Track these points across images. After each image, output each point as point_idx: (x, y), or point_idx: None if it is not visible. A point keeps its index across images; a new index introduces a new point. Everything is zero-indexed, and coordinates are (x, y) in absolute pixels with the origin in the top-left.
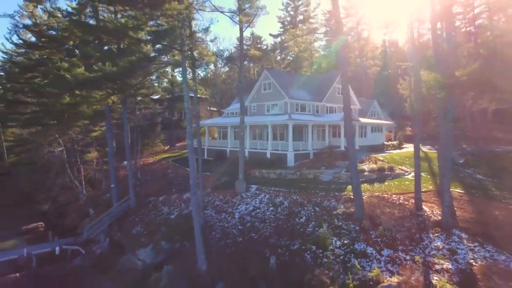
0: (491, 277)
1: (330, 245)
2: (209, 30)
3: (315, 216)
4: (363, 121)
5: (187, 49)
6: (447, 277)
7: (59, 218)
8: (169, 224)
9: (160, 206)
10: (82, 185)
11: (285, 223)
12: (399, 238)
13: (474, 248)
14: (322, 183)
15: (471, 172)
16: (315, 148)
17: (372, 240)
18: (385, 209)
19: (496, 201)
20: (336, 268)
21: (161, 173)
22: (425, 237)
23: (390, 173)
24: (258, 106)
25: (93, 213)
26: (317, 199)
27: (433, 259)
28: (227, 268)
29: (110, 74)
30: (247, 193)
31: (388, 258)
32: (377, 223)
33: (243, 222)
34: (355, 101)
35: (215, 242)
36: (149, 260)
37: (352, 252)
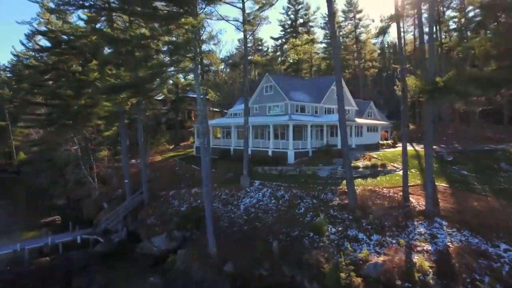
0: (464, 255)
1: (326, 232)
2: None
3: (313, 207)
4: (359, 121)
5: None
6: (426, 256)
7: (74, 212)
8: (180, 215)
9: (170, 199)
10: (95, 181)
11: (286, 213)
12: (387, 225)
13: (452, 233)
14: (320, 179)
15: (457, 169)
16: (313, 146)
17: (363, 227)
18: (376, 200)
19: (476, 193)
20: (331, 250)
21: (169, 170)
22: (410, 224)
23: (382, 169)
24: (260, 107)
25: (107, 206)
26: (315, 192)
27: (415, 242)
28: (234, 250)
29: (134, 81)
30: (251, 187)
31: (377, 242)
32: (368, 213)
33: (248, 213)
34: (352, 102)
35: (223, 230)
36: (164, 247)
37: (345, 237)
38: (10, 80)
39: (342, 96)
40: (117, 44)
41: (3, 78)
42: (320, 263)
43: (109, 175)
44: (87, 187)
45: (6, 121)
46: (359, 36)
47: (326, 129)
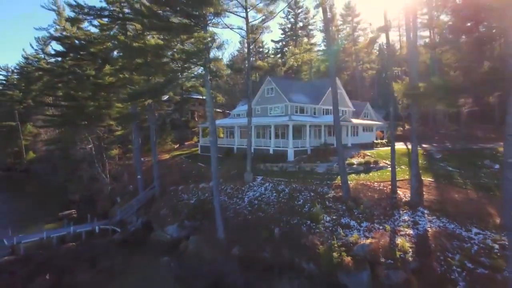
0: (440, 238)
1: (321, 220)
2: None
3: (310, 199)
4: (355, 122)
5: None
6: (407, 239)
7: (89, 206)
8: (190, 207)
9: (180, 193)
10: (107, 178)
11: (286, 205)
12: (376, 214)
13: (432, 220)
14: (317, 174)
15: (444, 165)
16: (312, 145)
17: (355, 215)
18: (367, 193)
19: (458, 187)
20: (325, 235)
21: (177, 168)
22: (396, 213)
23: (374, 166)
24: (262, 108)
25: (120, 201)
26: (313, 186)
27: (399, 227)
28: (240, 237)
29: (152, 87)
30: (254, 182)
31: (366, 228)
32: (360, 203)
33: (252, 205)
34: (349, 103)
35: (230, 220)
36: (176, 235)
37: (338, 225)
38: (19, 82)
39: (337, 103)
40: (132, 52)
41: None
42: (315, 246)
43: (120, 172)
44: (100, 183)
45: (16, 121)
46: (357, 38)
47: (324, 129)
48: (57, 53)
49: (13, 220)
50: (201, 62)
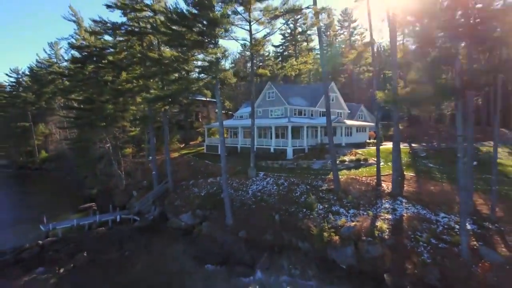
0: (412, 221)
1: (315, 208)
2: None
3: (306, 191)
4: (348, 123)
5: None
6: (386, 222)
7: (106, 199)
8: (200, 199)
9: (191, 187)
10: (122, 174)
11: (285, 196)
12: (362, 203)
13: (408, 207)
14: (313, 170)
15: (426, 162)
16: (309, 144)
17: (344, 204)
18: (355, 186)
19: (435, 180)
20: (318, 220)
21: (186, 165)
22: (379, 202)
23: (364, 163)
24: (264, 111)
25: (136, 194)
26: (309, 180)
27: (380, 213)
28: (246, 222)
29: (170, 94)
30: (256, 177)
31: (353, 214)
32: (348, 194)
33: (255, 196)
34: (344, 106)
35: (236, 209)
36: (189, 222)
37: (329, 212)
38: (32, 84)
39: (329, 109)
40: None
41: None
42: (310, 229)
43: (133, 169)
44: (116, 179)
45: (29, 122)
46: (354, 43)
47: (320, 129)
48: (77, 60)
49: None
50: (213, 74)
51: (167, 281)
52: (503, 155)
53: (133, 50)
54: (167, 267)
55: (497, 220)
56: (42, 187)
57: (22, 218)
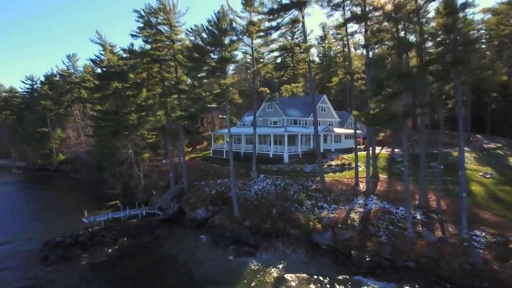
0: (378, 213)
1: (305, 204)
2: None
3: (298, 190)
4: (337, 131)
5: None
6: (357, 214)
7: (129, 197)
8: (211, 196)
9: (203, 187)
10: (141, 175)
11: (281, 194)
12: (341, 199)
13: (377, 203)
14: (305, 173)
15: (400, 166)
16: (302, 150)
17: (327, 200)
18: (338, 186)
19: (403, 181)
20: (306, 213)
21: (195, 168)
22: (355, 199)
23: (348, 167)
24: (264, 120)
25: (156, 193)
26: (301, 181)
27: (355, 207)
28: (249, 214)
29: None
30: (257, 179)
31: (333, 208)
32: (331, 193)
33: (257, 194)
34: (335, 115)
35: (241, 204)
36: (203, 215)
37: (316, 206)
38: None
39: (317, 124)
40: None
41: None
42: (299, 219)
43: (150, 171)
44: (135, 180)
45: (48, 127)
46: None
47: (312, 137)
48: (102, 77)
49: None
50: (223, 98)
51: (189, 257)
52: (470, 160)
53: (153, 72)
54: (188, 248)
55: (441, 211)
56: (66, 187)
57: (62, 213)
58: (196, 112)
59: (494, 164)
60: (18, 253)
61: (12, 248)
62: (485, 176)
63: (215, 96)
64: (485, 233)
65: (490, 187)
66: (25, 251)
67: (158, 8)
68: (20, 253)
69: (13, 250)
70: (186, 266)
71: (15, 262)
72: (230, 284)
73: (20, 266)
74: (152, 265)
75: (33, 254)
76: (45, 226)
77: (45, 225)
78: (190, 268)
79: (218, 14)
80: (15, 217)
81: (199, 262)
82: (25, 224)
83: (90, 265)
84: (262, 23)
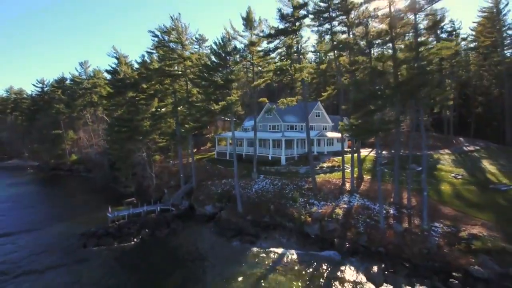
0: (358, 209)
1: (298, 201)
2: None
3: (293, 189)
4: (330, 135)
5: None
6: (341, 209)
7: (143, 195)
8: (218, 194)
9: (209, 186)
10: (153, 176)
11: (279, 193)
12: (329, 197)
13: (359, 200)
14: (300, 174)
15: (383, 168)
16: (298, 153)
17: (318, 198)
18: (327, 185)
19: (384, 182)
20: (299, 209)
21: (202, 169)
22: (341, 196)
23: (338, 168)
24: (263, 125)
25: (167, 192)
26: (296, 181)
27: (340, 204)
28: (251, 210)
29: (201, 125)
30: (258, 179)
31: (322, 204)
32: (321, 191)
33: (257, 193)
34: (328, 120)
35: (244, 201)
36: (211, 211)
37: (307, 203)
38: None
39: (309, 132)
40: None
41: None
42: (293, 214)
43: (160, 172)
44: (148, 180)
45: (62, 129)
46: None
47: None
48: (118, 87)
49: (94, 205)
50: (229, 111)
51: (200, 245)
52: (448, 162)
53: (165, 84)
54: (199, 238)
55: (410, 207)
56: (81, 186)
57: (85, 210)
58: (206, 123)
59: (468, 166)
60: (60, 243)
61: (54, 239)
62: (456, 177)
63: (222, 109)
64: (442, 225)
65: (458, 186)
66: (65, 241)
67: (171, 28)
68: (62, 243)
69: (55, 241)
70: (199, 251)
71: (60, 249)
72: (236, 263)
73: (65, 252)
74: (170, 251)
75: (73, 243)
76: (74, 221)
77: (73, 220)
78: (202, 253)
79: (223, 38)
80: (45, 214)
81: (210, 248)
82: (55, 220)
83: (120, 251)
84: (261, 41)
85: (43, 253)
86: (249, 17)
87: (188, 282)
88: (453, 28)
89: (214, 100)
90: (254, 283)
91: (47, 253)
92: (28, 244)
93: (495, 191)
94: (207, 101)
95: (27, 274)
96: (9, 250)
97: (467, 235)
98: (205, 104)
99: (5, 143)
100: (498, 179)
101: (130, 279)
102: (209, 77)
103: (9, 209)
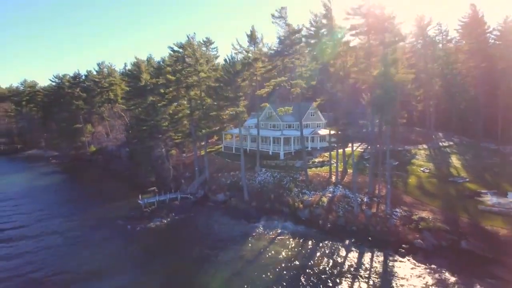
0: (340, 197)
1: (293, 191)
2: None
3: (289, 181)
4: (322, 133)
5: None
6: (327, 198)
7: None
8: (228, 185)
9: (220, 177)
10: (171, 168)
11: (278, 184)
12: (318, 188)
13: (341, 190)
14: (296, 168)
15: (365, 163)
16: (295, 149)
17: (309, 189)
18: (317, 178)
19: (363, 175)
20: (294, 197)
21: (212, 162)
22: (327, 187)
23: (327, 163)
24: (264, 124)
25: (184, 182)
26: (292, 174)
27: (326, 194)
28: (255, 198)
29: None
30: (260, 172)
31: (312, 194)
32: (312, 183)
33: (260, 184)
34: (322, 118)
35: (249, 191)
36: (223, 199)
37: (301, 193)
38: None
39: (302, 131)
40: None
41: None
42: (289, 201)
43: (176, 164)
44: (166, 171)
45: (81, 123)
46: None
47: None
48: (138, 92)
49: (121, 193)
50: (237, 120)
51: (215, 224)
52: (422, 157)
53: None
54: (214, 219)
55: (380, 196)
56: (103, 176)
57: (114, 198)
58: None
59: (438, 161)
60: (107, 223)
61: (100, 221)
62: (424, 171)
63: (231, 117)
64: (401, 210)
65: (423, 179)
66: (110, 222)
67: (187, 45)
68: (107, 224)
69: (102, 222)
70: (215, 229)
71: (108, 229)
72: (245, 238)
73: (113, 232)
74: (193, 229)
75: (119, 224)
76: (110, 206)
77: (109, 206)
78: (218, 230)
79: (232, 58)
80: (84, 201)
81: (224, 227)
82: (95, 205)
83: (156, 230)
84: (264, 58)
85: (96, 231)
86: (253, 35)
87: (210, 249)
88: (439, 31)
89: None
90: (259, 250)
91: (100, 231)
92: (85, 223)
93: (452, 183)
94: (219, 110)
95: (89, 244)
96: (71, 227)
97: (417, 218)
98: (218, 112)
99: (23, 133)
100: (458, 172)
101: (168, 248)
102: (220, 92)
103: (55, 197)
